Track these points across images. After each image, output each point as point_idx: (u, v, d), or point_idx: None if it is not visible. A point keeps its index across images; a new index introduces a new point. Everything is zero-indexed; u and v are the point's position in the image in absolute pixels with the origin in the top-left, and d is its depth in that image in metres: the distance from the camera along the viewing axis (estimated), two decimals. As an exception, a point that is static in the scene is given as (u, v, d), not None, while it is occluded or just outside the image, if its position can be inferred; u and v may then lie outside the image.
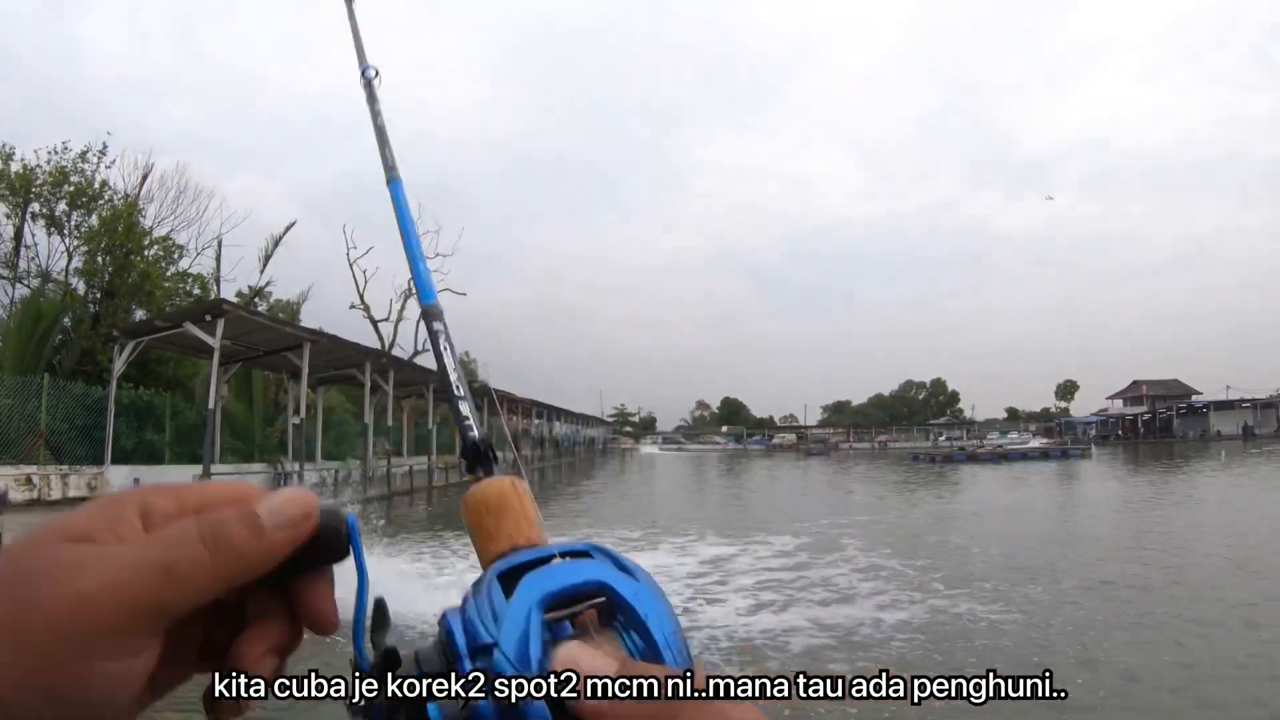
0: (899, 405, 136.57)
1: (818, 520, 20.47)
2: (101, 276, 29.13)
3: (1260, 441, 73.20)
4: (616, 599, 0.58)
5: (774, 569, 13.68)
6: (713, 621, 10.11)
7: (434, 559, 14.38)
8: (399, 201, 1.32)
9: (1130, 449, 74.28)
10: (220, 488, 0.48)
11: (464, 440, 0.82)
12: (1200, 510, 22.87)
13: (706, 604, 11.15)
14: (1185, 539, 16.37)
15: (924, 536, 17.24)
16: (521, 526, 0.69)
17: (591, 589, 0.58)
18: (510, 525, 0.69)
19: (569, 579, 0.59)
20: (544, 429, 69.62)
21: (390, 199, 1.35)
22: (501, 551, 0.67)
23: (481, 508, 0.71)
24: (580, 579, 0.59)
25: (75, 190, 29.14)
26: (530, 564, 0.62)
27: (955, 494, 31.45)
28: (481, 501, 0.71)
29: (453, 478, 36.86)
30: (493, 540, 0.68)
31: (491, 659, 0.54)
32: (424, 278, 1.09)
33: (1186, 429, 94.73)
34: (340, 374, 31.58)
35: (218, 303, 22.60)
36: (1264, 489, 29.30)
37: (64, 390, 21.57)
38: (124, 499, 0.45)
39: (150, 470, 21.72)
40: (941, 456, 62.55)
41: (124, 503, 0.45)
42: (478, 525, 0.70)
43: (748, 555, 15.09)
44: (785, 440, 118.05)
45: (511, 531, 0.69)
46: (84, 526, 0.42)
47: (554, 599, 0.57)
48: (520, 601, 0.57)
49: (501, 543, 0.68)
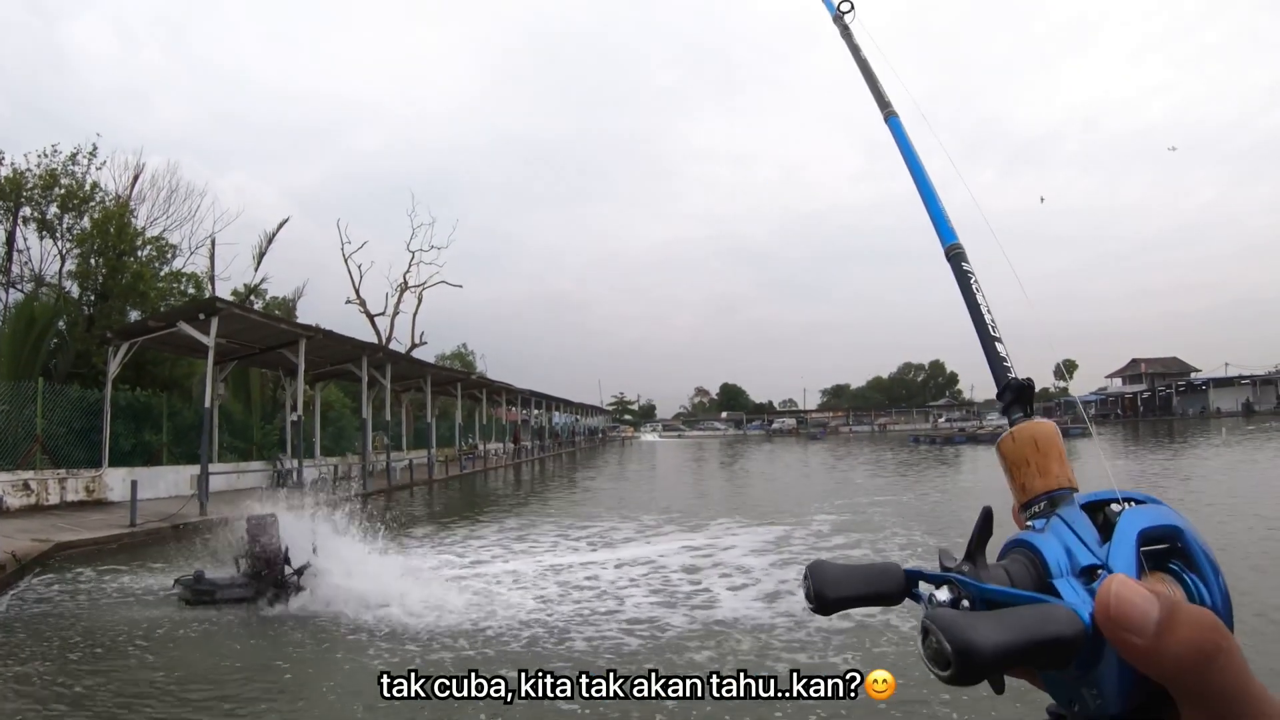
0: (898, 388, 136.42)
1: (851, 500, 21.65)
2: (95, 278, 29.03)
3: (1260, 418, 73.45)
4: (1186, 544, 0.67)
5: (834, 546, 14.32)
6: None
7: (458, 552, 14.40)
8: (901, 137, 1.32)
9: (1130, 427, 74.39)
10: None
11: (1005, 381, 0.93)
12: (1207, 484, 22.98)
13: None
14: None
15: (952, 514, 18.23)
16: (1067, 468, 0.79)
17: (1168, 531, 0.67)
18: (1058, 464, 0.79)
19: (1159, 520, 0.67)
20: (543, 419, 69.64)
21: (892, 135, 1.34)
22: (1057, 486, 0.77)
23: (1030, 445, 0.80)
24: (1166, 521, 0.67)
25: (66, 193, 28.98)
26: (1111, 501, 0.72)
27: (960, 474, 31.61)
28: (1031, 439, 0.81)
29: (452, 471, 36.86)
30: (1044, 476, 0.78)
31: (1095, 579, 0.64)
32: (942, 216, 1.17)
33: (1186, 407, 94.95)
34: (337, 369, 31.55)
35: (212, 301, 22.51)
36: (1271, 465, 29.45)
37: (60, 394, 21.52)
38: None
39: (148, 472, 21.70)
40: (941, 438, 62.74)
41: None
42: (1026, 460, 0.80)
43: (803, 530, 16.04)
44: (785, 425, 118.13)
45: (1060, 470, 0.78)
46: None
47: (1145, 535, 0.66)
48: (1125, 532, 0.67)
49: (1054, 479, 0.78)
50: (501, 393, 54.99)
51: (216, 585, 10.45)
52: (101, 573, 12.49)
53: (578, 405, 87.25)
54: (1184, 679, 0.56)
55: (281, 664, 7.90)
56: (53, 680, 7.28)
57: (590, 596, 10.65)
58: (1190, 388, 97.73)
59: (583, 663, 7.62)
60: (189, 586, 10.44)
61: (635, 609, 9.91)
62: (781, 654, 7.84)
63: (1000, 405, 0.92)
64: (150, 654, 8.30)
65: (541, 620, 9.38)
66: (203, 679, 7.45)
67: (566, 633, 8.80)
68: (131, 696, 6.87)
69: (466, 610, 9.84)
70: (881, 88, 1.43)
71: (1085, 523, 0.71)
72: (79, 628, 9.28)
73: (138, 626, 9.28)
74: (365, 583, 10.35)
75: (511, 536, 16.40)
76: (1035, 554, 0.69)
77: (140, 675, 7.52)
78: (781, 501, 22.53)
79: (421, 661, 7.79)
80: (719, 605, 9.96)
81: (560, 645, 8.34)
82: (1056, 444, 0.80)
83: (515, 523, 18.95)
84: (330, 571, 10.49)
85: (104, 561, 13.50)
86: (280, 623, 9.55)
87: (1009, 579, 0.68)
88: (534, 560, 13.57)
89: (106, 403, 21.98)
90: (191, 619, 9.67)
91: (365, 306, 53.00)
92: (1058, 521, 0.72)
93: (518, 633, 8.84)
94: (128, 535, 15.68)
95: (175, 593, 10.63)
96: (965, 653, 0.55)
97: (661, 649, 8.17)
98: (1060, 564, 0.67)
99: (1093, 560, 0.66)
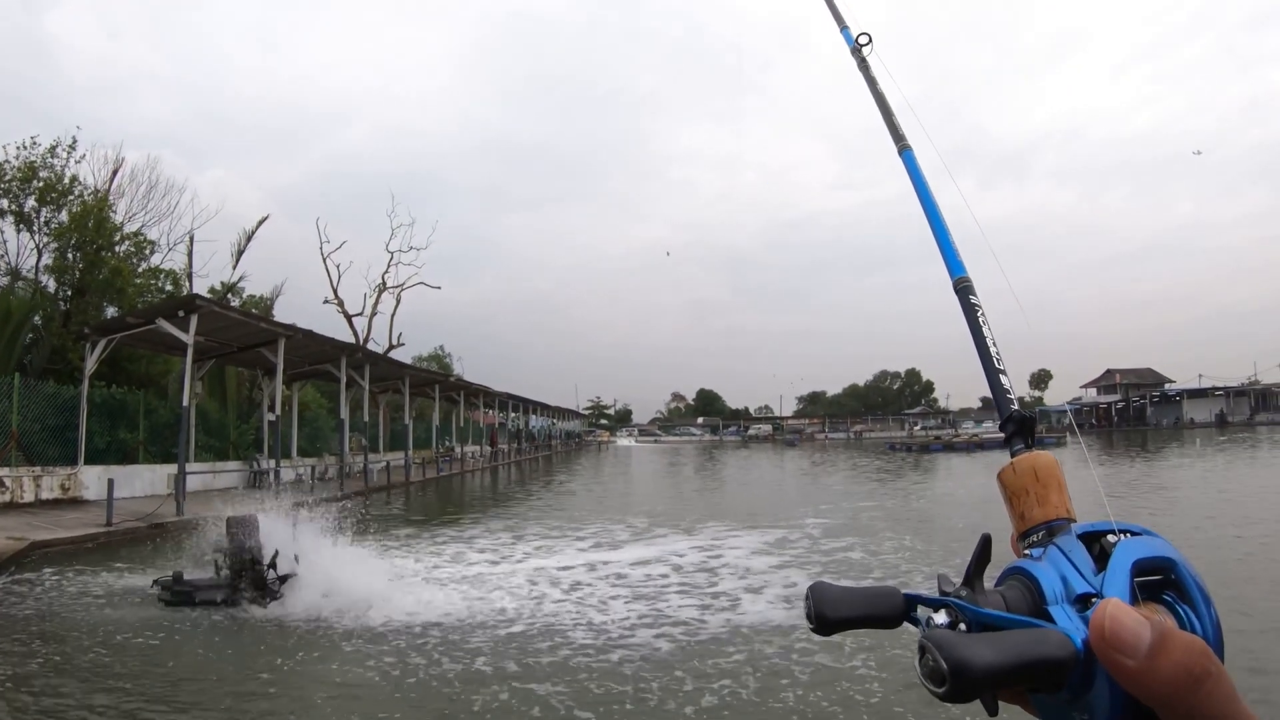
0: (874, 395, 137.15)
1: (838, 505, 22.13)
2: (72, 273, 28.85)
3: (1233, 429, 74.52)
4: (1179, 575, 0.70)
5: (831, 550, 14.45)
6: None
7: (450, 554, 14.44)
8: (914, 171, 1.35)
9: (1104, 437, 75.25)
10: None
11: (1007, 412, 0.96)
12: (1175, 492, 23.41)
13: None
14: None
15: (940, 519, 18.97)
16: (1065, 498, 0.83)
17: (1162, 563, 0.70)
18: (1057, 494, 0.83)
19: (1153, 551, 0.71)
20: (520, 422, 69.56)
21: (905, 169, 1.37)
22: (1055, 516, 0.81)
23: (1031, 476, 0.85)
24: (1160, 553, 0.71)
25: (45, 186, 28.76)
26: (1107, 532, 0.75)
27: (940, 482, 31.94)
28: (1031, 470, 0.85)
29: (429, 473, 36.78)
30: (1042, 505, 0.82)
31: (1088, 607, 0.67)
32: (951, 250, 1.20)
33: (1160, 417, 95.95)
34: (315, 369, 31.47)
35: (191, 298, 22.39)
36: (1242, 474, 30.00)
37: (35, 390, 21.31)
38: None
39: (124, 470, 21.57)
40: (918, 445, 63.16)
41: None
42: (1026, 490, 0.84)
43: (798, 533, 16.31)
44: (761, 431, 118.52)
45: (1059, 500, 0.82)
46: None
47: (1139, 565, 0.70)
48: (1120, 561, 0.70)
49: (1052, 509, 0.82)
50: (479, 395, 54.91)
51: (195, 586, 10.41)
52: (79, 572, 12.47)
53: (554, 409, 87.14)
54: (1173, 702, 0.59)
55: (262, 670, 7.87)
56: (27, 681, 7.26)
57: (581, 596, 10.73)
58: (1164, 398, 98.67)
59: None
60: (168, 587, 10.40)
61: (670, 610, 10.00)
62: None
63: (1003, 436, 0.94)
64: (129, 654, 8.28)
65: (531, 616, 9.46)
66: (184, 680, 7.47)
67: (559, 633, 8.89)
68: (109, 698, 6.87)
69: (474, 613, 9.89)
70: (896, 121, 1.46)
71: (1081, 552, 0.73)
72: (56, 628, 9.29)
73: (116, 627, 9.27)
74: (345, 585, 10.37)
75: (504, 539, 16.37)
76: (1032, 581, 0.72)
77: (120, 677, 7.50)
78: (771, 506, 22.76)
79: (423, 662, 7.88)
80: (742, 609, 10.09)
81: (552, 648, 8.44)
82: (1056, 475, 0.84)
83: (502, 524, 19.05)
84: (310, 574, 10.51)
85: (81, 561, 13.47)
86: (260, 626, 9.55)
87: (1005, 605, 0.71)
88: (530, 561, 13.62)
89: (83, 399, 21.78)
90: (170, 620, 9.66)
91: (343, 307, 52.80)
92: (1055, 550, 0.75)
93: (559, 636, 8.91)
94: (104, 534, 15.63)
95: (154, 593, 10.58)
96: (959, 671, 0.59)
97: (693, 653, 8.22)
98: (1056, 591, 0.71)
99: (1088, 588, 0.69)
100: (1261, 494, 22.71)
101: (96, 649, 8.44)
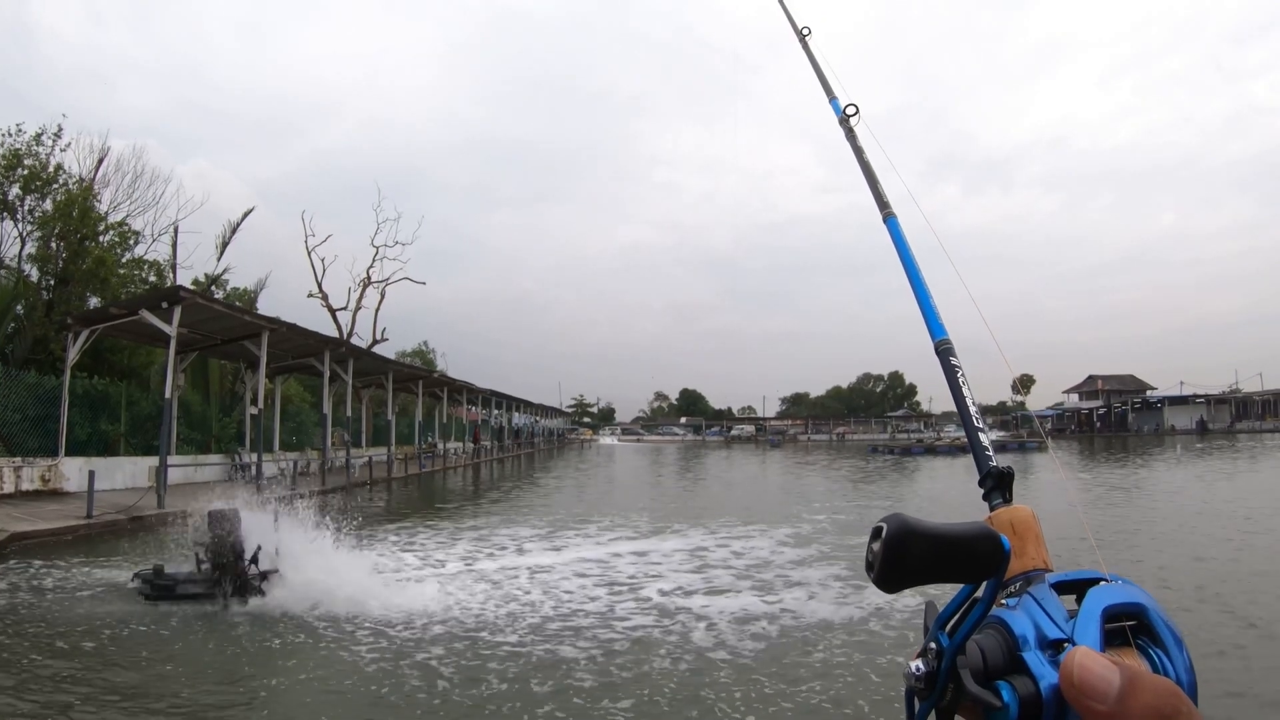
0: (856, 397, 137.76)
1: (832, 503, 22.65)
2: (55, 262, 28.69)
3: (1213, 436, 75.25)
4: (1150, 620, 0.73)
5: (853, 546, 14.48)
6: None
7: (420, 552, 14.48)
8: (898, 238, 1.42)
9: (1086, 442, 75.78)
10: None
11: (985, 468, 1.01)
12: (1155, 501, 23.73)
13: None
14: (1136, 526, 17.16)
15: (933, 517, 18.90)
16: (1042, 550, 0.88)
17: (1133, 609, 0.73)
18: (1034, 547, 0.88)
19: (1124, 598, 0.74)
20: (503, 419, 69.48)
21: (890, 236, 1.44)
22: (1031, 567, 0.86)
23: (1008, 529, 0.89)
24: (1130, 599, 0.74)
25: (29, 174, 28.60)
26: (1081, 581, 0.79)
27: (924, 484, 32.17)
28: (1009, 524, 0.90)
29: (411, 469, 36.78)
30: (1020, 557, 0.86)
31: (1060, 652, 0.70)
32: (933, 313, 1.25)
33: (1141, 423, 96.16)
34: (299, 363, 31.40)
35: (175, 290, 22.34)
36: (1218, 482, 30.24)
37: (16, 380, 21.27)
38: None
39: (105, 462, 21.52)
40: (900, 449, 63.58)
41: None
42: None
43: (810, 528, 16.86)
44: (744, 432, 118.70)
45: (1035, 552, 0.87)
46: None
47: (1109, 611, 0.73)
48: (1090, 609, 0.73)
49: (1029, 560, 0.86)
50: (462, 391, 54.86)
51: (176, 580, 10.35)
52: (58, 565, 12.49)
53: (537, 406, 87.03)
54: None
55: (243, 666, 7.95)
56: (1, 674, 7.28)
57: (576, 598, 10.85)
58: (1146, 405, 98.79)
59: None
60: (148, 581, 10.36)
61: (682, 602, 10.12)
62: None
63: (982, 491, 0.99)
64: (111, 646, 8.34)
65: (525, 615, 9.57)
66: (163, 676, 7.50)
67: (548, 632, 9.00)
68: (82, 692, 6.92)
69: (485, 611, 9.98)
70: (881, 189, 1.53)
71: (1054, 600, 0.76)
72: (35, 621, 9.32)
73: (96, 621, 9.30)
74: (327, 581, 10.41)
75: (485, 534, 16.46)
76: (1006, 629, 0.74)
77: (101, 671, 7.55)
78: (768, 505, 23.03)
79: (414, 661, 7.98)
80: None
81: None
82: (1033, 528, 0.88)
83: (490, 520, 19.20)
84: (292, 569, 10.55)
85: (60, 553, 13.49)
86: (240, 620, 9.57)
87: (981, 654, 0.73)
88: (520, 560, 13.72)
89: (65, 390, 21.72)
90: (150, 614, 9.68)
91: (327, 301, 52.67)
92: (1029, 599, 0.77)
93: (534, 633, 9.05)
94: (85, 527, 15.64)
95: (134, 587, 10.55)
96: (893, 544, 0.67)
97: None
98: (1028, 638, 0.72)
99: (1059, 635, 0.72)
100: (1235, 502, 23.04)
101: (74, 643, 8.43)
